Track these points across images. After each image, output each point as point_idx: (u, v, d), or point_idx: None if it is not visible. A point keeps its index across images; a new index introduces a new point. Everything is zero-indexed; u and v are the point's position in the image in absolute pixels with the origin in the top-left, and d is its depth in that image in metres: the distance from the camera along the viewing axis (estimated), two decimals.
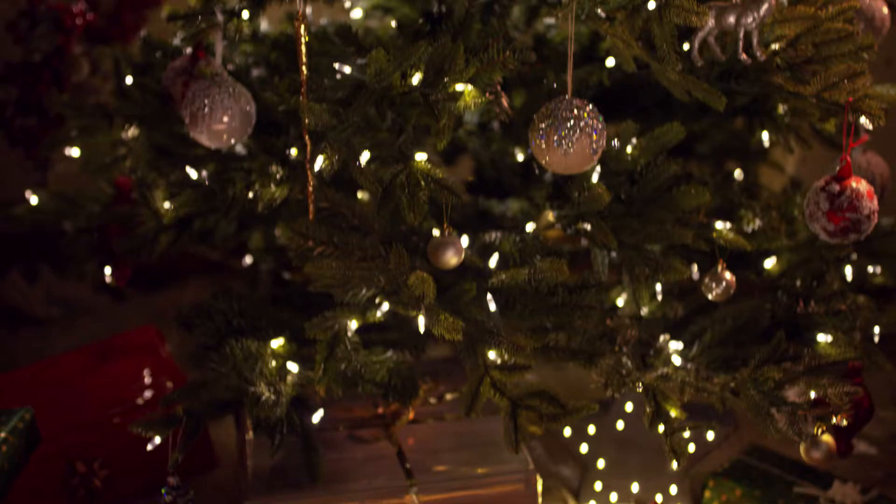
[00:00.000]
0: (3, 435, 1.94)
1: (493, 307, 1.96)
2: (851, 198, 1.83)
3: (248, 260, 2.78)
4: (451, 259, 1.86)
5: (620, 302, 2.25)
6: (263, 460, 2.15)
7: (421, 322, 1.86)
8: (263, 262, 2.73)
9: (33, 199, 2.49)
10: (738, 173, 2.53)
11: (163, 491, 1.98)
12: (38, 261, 3.09)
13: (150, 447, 1.99)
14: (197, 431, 2.01)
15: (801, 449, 2.05)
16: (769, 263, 2.28)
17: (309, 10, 2.35)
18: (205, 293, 2.28)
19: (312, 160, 1.92)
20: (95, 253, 2.43)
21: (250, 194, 2.09)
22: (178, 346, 2.70)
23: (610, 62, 2.22)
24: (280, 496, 2.07)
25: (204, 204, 2.15)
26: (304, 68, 1.92)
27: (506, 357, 1.92)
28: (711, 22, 1.80)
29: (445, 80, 1.80)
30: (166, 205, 2.20)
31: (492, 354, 1.93)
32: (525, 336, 1.91)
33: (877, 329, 2.17)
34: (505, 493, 2.12)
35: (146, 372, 2.40)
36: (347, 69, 1.95)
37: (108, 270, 2.41)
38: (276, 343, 2.09)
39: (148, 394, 2.36)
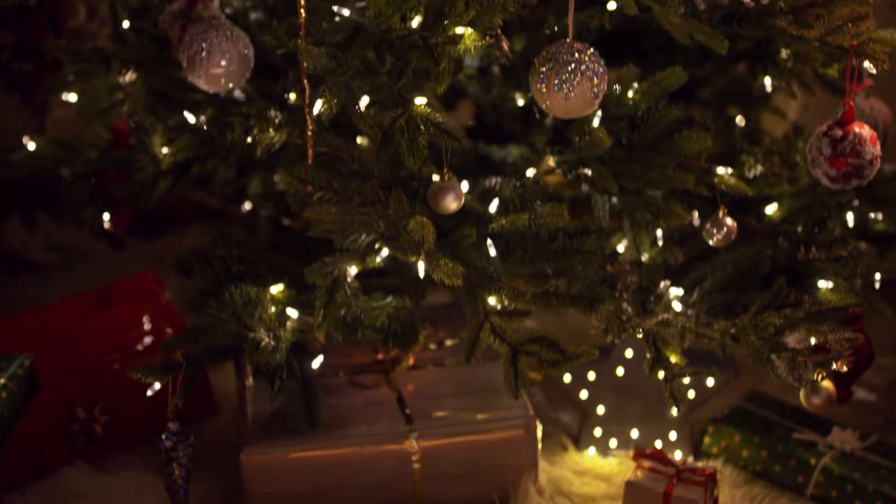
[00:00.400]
0: (2, 381, 1.94)
1: (493, 252, 1.95)
2: (854, 143, 1.82)
3: (247, 206, 2.77)
4: (451, 204, 1.85)
5: (621, 248, 2.24)
6: (263, 406, 2.15)
7: (421, 267, 1.86)
8: (262, 208, 2.72)
9: (31, 145, 2.47)
10: (739, 119, 2.51)
11: (163, 436, 1.98)
12: (36, 207, 3.07)
13: (149, 393, 2.00)
14: (196, 377, 2.01)
15: (801, 395, 2.05)
16: (770, 209, 2.27)
17: None
18: (204, 240, 2.27)
19: (311, 104, 1.91)
20: (93, 199, 2.42)
21: (249, 139, 2.08)
22: (177, 293, 2.69)
23: (611, 5, 2.20)
24: (280, 442, 2.07)
25: (202, 149, 2.14)
26: (302, 11, 1.90)
27: (506, 303, 1.91)
28: None
29: (445, 22, 1.78)
30: (164, 150, 2.19)
31: (492, 300, 1.92)
32: (525, 281, 1.90)
33: (878, 275, 2.17)
34: (505, 438, 2.12)
35: (145, 318, 2.39)
36: (346, 12, 1.93)
37: (106, 216, 2.40)
38: (276, 289, 2.09)
39: (147, 340, 2.35)
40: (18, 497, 2.19)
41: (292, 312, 2.06)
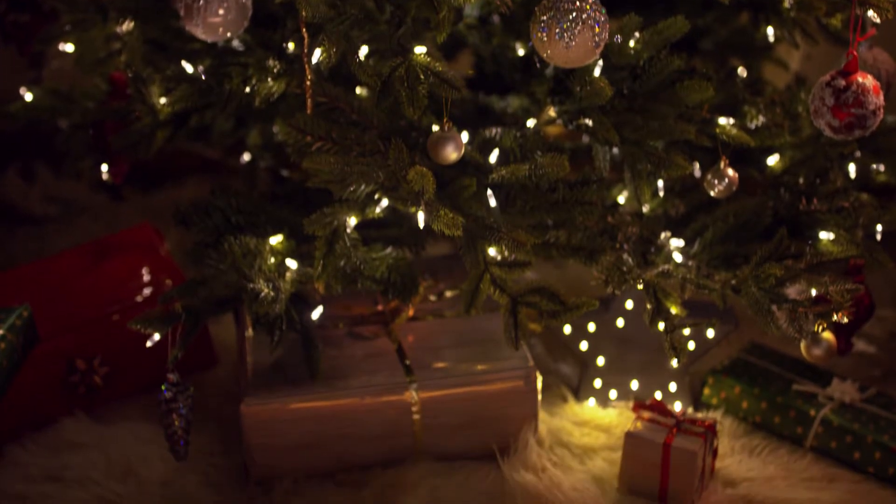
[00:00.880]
0: (0, 332, 1.94)
1: (493, 203, 1.94)
2: (857, 93, 1.81)
3: (245, 157, 2.76)
4: (451, 154, 1.84)
5: (622, 199, 2.24)
6: (263, 357, 2.15)
7: (420, 218, 1.85)
8: (261, 159, 2.71)
9: (28, 96, 2.45)
10: (741, 69, 2.49)
11: (163, 387, 1.98)
12: (34, 159, 3.06)
13: (149, 344, 1.99)
14: (196, 328, 2.00)
15: (802, 346, 2.05)
16: (772, 160, 2.26)
17: None
18: (203, 192, 2.26)
19: (310, 54, 1.89)
20: (91, 150, 2.40)
21: (247, 89, 2.06)
22: (176, 245, 2.69)
23: None
24: (279, 392, 2.07)
25: (200, 99, 2.12)
26: None
27: (506, 253, 1.90)
28: None
29: None
30: (162, 100, 2.17)
31: (492, 251, 1.91)
32: (525, 232, 1.89)
33: (879, 227, 2.16)
34: (505, 389, 2.12)
35: (145, 270, 2.38)
36: None
37: (104, 167, 2.38)
38: (275, 240, 2.08)
39: (147, 291, 2.35)
40: (19, 448, 2.20)
41: (291, 263, 2.06)
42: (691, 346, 2.23)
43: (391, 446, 2.12)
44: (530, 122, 2.18)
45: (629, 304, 2.24)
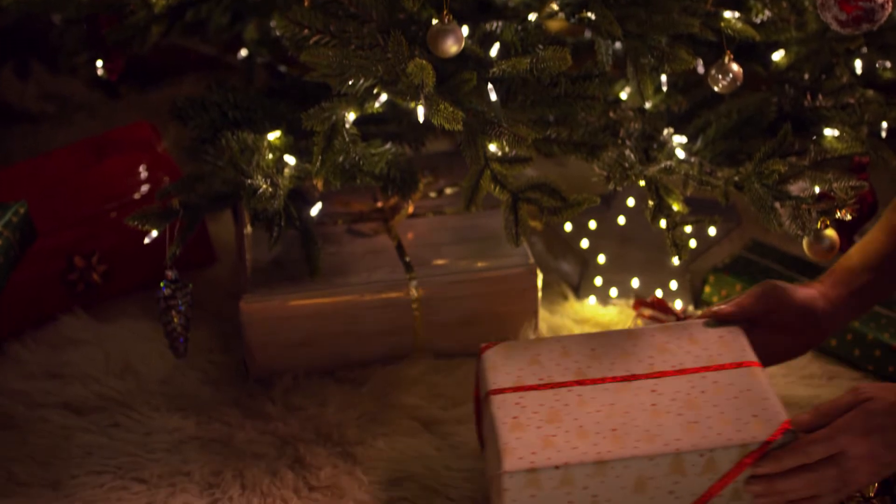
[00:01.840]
0: None
1: (493, 97, 1.91)
2: None
3: (243, 53, 2.72)
4: (451, 47, 1.81)
5: (624, 95, 2.21)
6: (262, 254, 2.14)
7: (420, 112, 1.82)
8: (259, 54, 2.68)
9: None
10: None
11: (161, 284, 1.98)
12: (28, 56, 3.03)
13: (147, 241, 1.98)
14: (194, 224, 1.99)
15: (804, 244, 2.04)
16: (777, 56, 2.23)
17: None
18: (200, 89, 2.23)
19: None
20: (86, 45, 2.37)
21: None
22: (173, 144, 2.66)
23: None
24: (279, 290, 2.07)
25: None
26: None
27: (507, 149, 1.88)
28: None
29: None
30: None
31: (492, 147, 1.89)
32: (526, 127, 1.87)
33: (884, 124, 2.13)
34: (505, 286, 2.11)
35: (142, 167, 2.36)
36: None
37: (99, 63, 2.35)
38: (273, 135, 2.05)
39: (144, 188, 2.34)
40: (18, 344, 2.20)
41: (290, 159, 2.03)
42: (693, 243, 2.22)
43: (391, 343, 2.12)
44: (532, 16, 2.14)
45: (630, 202, 2.22)
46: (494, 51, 1.99)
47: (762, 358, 1.80)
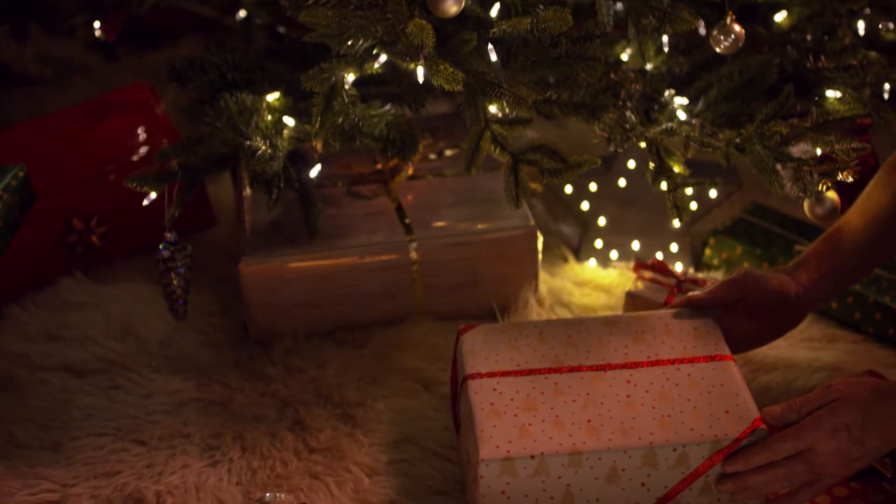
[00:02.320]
0: None
1: (494, 58, 1.90)
2: None
3: (241, 14, 2.70)
4: (451, 7, 1.79)
5: (625, 56, 2.19)
6: (261, 216, 2.13)
7: (420, 73, 1.81)
8: (258, 16, 2.66)
9: None
10: None
11: (160, 247, 1.97)
12: (26, 18, 3.01)
13: (146, 202, 1.97)
14: (193, 186, 1.98)
15: (805, 206, 2.03)
16: (779, 16, 2.21)
17: None
18: (198, 51, 2.22)
19: None
20: (83, 6, 2.36)
21: None
22: (172, 106, 2.65)
23: None
24: (278, 251, 2.06)
25: None
26: None
27: (507, 110, 1.87)
28: None
29: None
30: None
31: (493, 108, 1.88)
32: (527, 88, 1.85)
33: (886, 86, 2.12)
34: (505, 248, 2.11)
35: (141, 129, 2.35)
36: None
37: (96, 24, 2.34)
38: (272, 97, 2.04)
39: (143, 150, 2.33)
40: (17, 307, 2.20)
41: (289, 121, 2.02)
42: (693, 205, 2.21)
43: (391, 305, 2.12)
44: None
45: (631, 164, 2.21)
46: (495, 11, 1.98)
47: (736, 343, 1.83)
